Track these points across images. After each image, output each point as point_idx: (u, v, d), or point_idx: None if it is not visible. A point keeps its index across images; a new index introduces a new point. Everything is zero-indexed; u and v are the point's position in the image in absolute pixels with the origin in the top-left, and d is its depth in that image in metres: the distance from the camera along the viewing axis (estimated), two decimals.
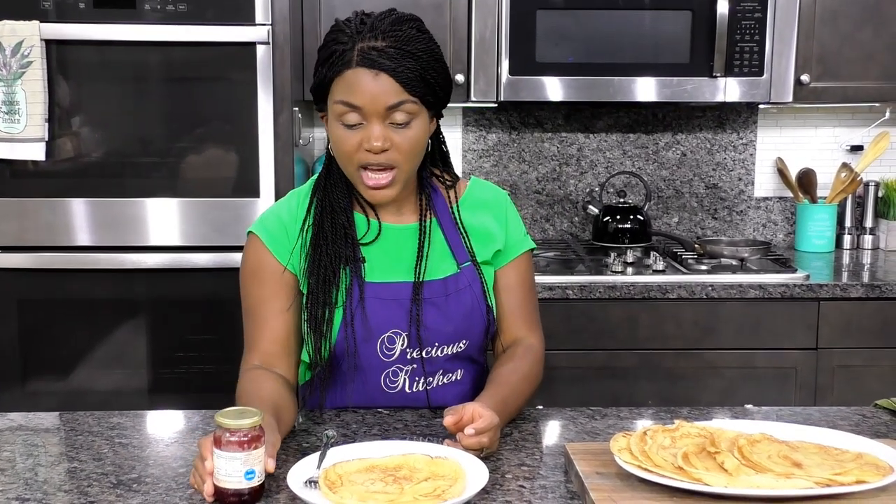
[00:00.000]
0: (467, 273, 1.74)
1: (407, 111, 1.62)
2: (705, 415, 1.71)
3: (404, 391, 1.73)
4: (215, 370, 2.81)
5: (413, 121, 1.63)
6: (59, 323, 2.78)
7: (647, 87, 2.97)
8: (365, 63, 1.59)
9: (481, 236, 1.77)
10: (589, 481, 1.33)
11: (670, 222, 3.48)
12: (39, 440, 1.61)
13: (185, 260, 2.74)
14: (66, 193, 2.71)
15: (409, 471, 1.37)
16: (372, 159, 1.62)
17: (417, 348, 1.69)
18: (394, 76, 1.59)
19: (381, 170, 1.64)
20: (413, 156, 1.66)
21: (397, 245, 1.73)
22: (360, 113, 1.61)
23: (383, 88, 1.59)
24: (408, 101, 1.61)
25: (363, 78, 1.59)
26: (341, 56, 1.61)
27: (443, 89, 1.68)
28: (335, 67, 1.61)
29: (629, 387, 2.83)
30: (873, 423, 1.67)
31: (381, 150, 1.62)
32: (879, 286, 2.81)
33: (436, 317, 1.70)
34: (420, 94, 1.62)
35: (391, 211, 1.74)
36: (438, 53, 1.66)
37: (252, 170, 2.72)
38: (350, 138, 1.63)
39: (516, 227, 1.82)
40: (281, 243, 1.71)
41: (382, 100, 1.60)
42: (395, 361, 1.71)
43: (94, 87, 2.70)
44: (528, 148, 3.43)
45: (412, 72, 1.60)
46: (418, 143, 1.66)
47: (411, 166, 1.68)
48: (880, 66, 3.06)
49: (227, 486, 1.31)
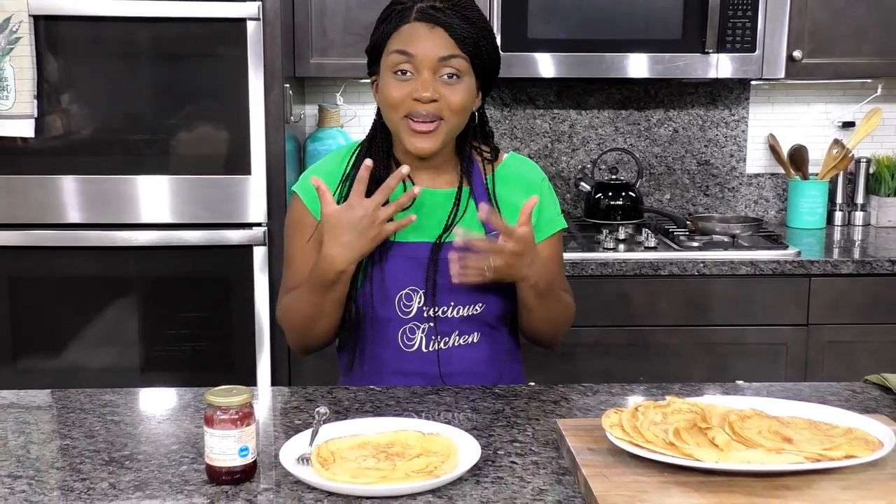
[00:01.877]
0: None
1: (457, 67, 1.70)
2: (696, 391, 1.72)
3: (420, 350, 1.77)
4: (207, 348, 2.81)
5: (462, 78, 1.71)
6: (50, 301, 2.77)
7: (640, 64, 2.96)
8: (423, 18, 1.69)
9: (510, 208, 1.80)
10: (580, 457, 1.33)
11: (662, 199, 3.48)
12: (31, 418, 1.61)
13: (176, 237, 2.74)
14: (55, 170, 2.70)
15: (402, 447, 1.38)
16: (420, 108, 1.69)
17: (433, 307, 1.74)
18: (449, 31, 1.68)
19: (429, 121, 1.70)
20: (459, 113, 1.72)
21: (429, 209, 1.78)
22: (412, 63, 1.69)
23: (438, 40, 1.68)
24: (459, 56, 1.69)
25: (420, 30, 1.69)
26: (400, 13, 1.71)
27: (491, 60, 1.75)
28: (394, 23, 1.72)
29: (621, 363, 2.84)
30: (863, 399, 1.68)
31: (430, 101, 1.68)
32: (870, 262, 2.82)
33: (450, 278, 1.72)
34: (471, 53, 1.70)
35: (428, 176, 1.80)
36: (490, 26, 1.76)
37: (243, 147, 2.71)
38: (401, 88, 1.70)
39: (550, 205, 1.87)
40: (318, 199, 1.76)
41: (435, 51, 1.68)
42: (412, 319, 1.76)
43: (83, 64, 2.69)
44: (519, 125, 3.42)
45: (466, 31, 1.69)
46: (465, 102, 1.72)
47: (456, 122, 1.74)
48: (872, 42, 3.06)
49: (220, 465, 1.31)
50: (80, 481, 1.34)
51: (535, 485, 1.32)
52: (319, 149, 3.17)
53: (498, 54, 1.78)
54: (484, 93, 1.80)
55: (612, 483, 1.25)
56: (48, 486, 1.33)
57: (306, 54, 2.96)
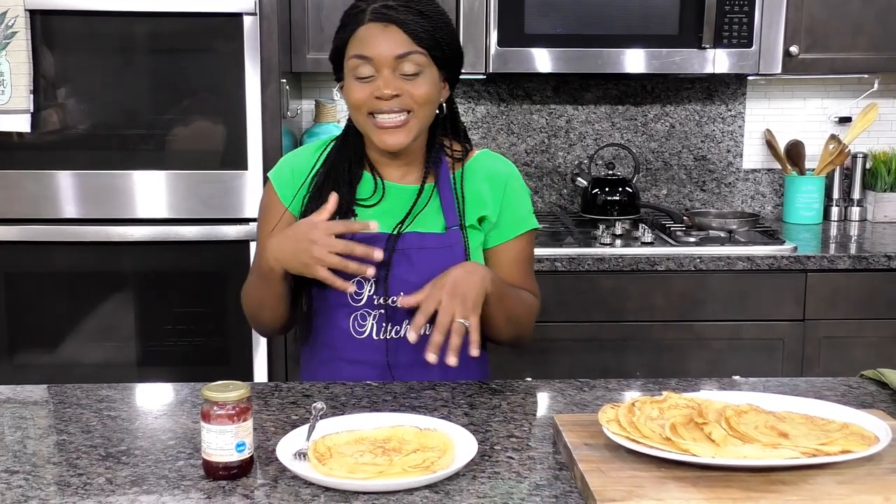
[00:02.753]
0: (452, 235, 1.78)
1: (416, 62, 1.70)
2: (693, 386, 1.72)
3: (371, 337, 1.77)
4: (204, 343, 2.81)
5: (423, 72, 1.71)
6: (46, 296, 2.77)
7: (636, 59, 2.96)
8: (376, 18, 1.70)
9: (471, 201, 1.81)
10: (577, 452, 1.33)
11: (659, 194, 3.49)
12: (28, 413, 1.61)
13: (172, 233, 2.73)
14: (52, 165, 2.70)
15: (399, 442, 1.38)
16: (384, 106, 1.70)
17: (385, 295, 1.75)
18: (403, 28, 1.69)
19: (395, 114, 1.71)
20: (426, 104, 1.73)
21: (393, 203, 1.79)
22: (371, 64, 1.70)
23: (393, 39, 1.69)
24: (416, 51, 1.70)
25: (374, 31, 1.70)
26: (355, 17, 1.72)
27: (451, 50, 1.76)
28: (349, 28, 1.73)
29: (617, 358, 2.84)
30: (859, 394, 1.68)
31: (393, 97, 1.69)
32: (866, 258, 2.82)
33: (405, 267, 1.75)
34: (429, 46, 1.71)
35: (397, 172, 1.82)
36: (447, 18, 1.76)
37: (240, 142, 2.70)
38: (362, 90, 1.71)
39: (519, 204, 1.86)
40: (288, 187, 1.83)
41: (391, 49, 1.69)
42: (363, 306, 1.76)
43: (79, 58, 2.68)
44: (516, 120, 3.42)
45: (420, 26, 1.70)
46: (429, 94, 1.73)
47: (425, 113, 1.75)
48: (869, 37, 3.06)
49: (217, 460, 1.31)
50: (76, 476, 1.34)
51: (532, 480, 1.32)
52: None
53: (458, 45, 1.78)
54: (451, 84, 1.81)
55: (608, 478, 1.25)
56: (45, 481, 1.33)
57: (303, 49, 2.96)
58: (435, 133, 1.82)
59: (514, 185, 1.86)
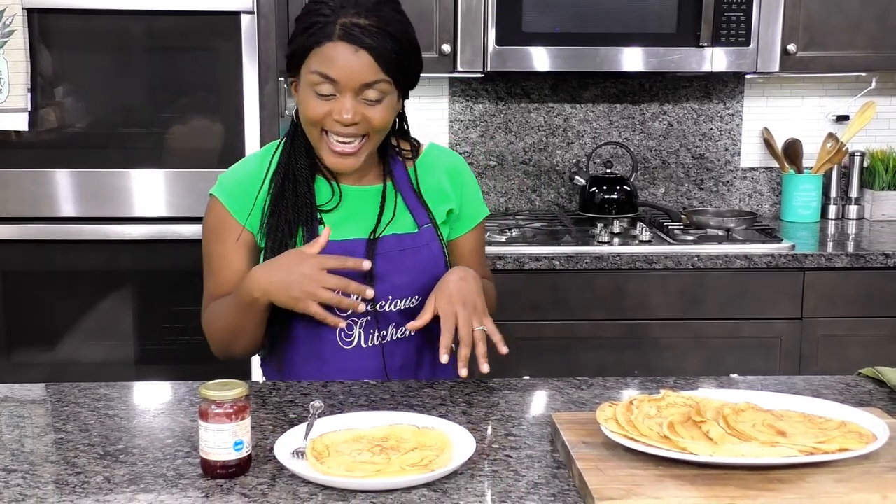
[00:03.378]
0: (426, 233, 1.79)
1: (380, 90, 1.66)
2: (691, 384, 1.72)
3: (360, 346, 1.76)
4: (202, 342, 2.78)
5: (385, 98, 1.68)
6: (44, 294, 2.77)
7: (634, 58, 2.96)
8: (346, 38, 1.62)
9: (435, 196, 1.83)
10: (575, 451, 1.33)
11: (657, 193, 3.49)
12: (26, 411, 1.61)
13: (170, 231, 2.73)
14: (49, 164, 2.69)
15: (396, 441, 1.38)
16: (341, 130, 1.67)
17: (370, 302, 1.71)
18: (373, 54, 1.63)
19: (349, 141, 1.68)
20: (382, 130, 1.71)
21: (357, 206, 1.78)
22: (334, 86, 1.64)
23: (361, 65, 1.63)
24: (383, 80, 1.65)
25: (343, 52, 1.63)
26: (322, 28, 1.63)
27: (414, 73, 1.72)
28: (315, 38, 1.64)
29: (615, 357, 2.84)
30: (857, 392, 1.68)
31: (352, 123, 1.66)
32: (864, 256, 2.82)
33: (388, 270, 1.74)
34: (394, 74, 1.66)
35: (353, 177, 1.79)
36: (414, 37, 1.71)
37: (237, 140, 2.70)
38: (321, 106, 1.66)
39: (474, 194, 1.90)
40: (240, 203, 1.76)
41: (359, 76, 1.63)
42: (349, 315, 1.73)
43: (77, 57, 2.68)
44: (514, 118, 3.42)
45: (390, 52, 1.64)
46: (388, 120, 1.71)
47: (379, 138, 1.73)
48: (867, 35, 3.06)
49: (215, 459, 1.31)
50: (74, 475, 1.34)
51: (530, 478, 1.32)
52: None
53: (420, 62, 1.73)
54: (405, 96, 1.76)
55: (606, 476, 1.25)
56: (43, 479, 1.33)
57: None
58: (387, 140, 1.79)
59: (468, 176, 1.89)
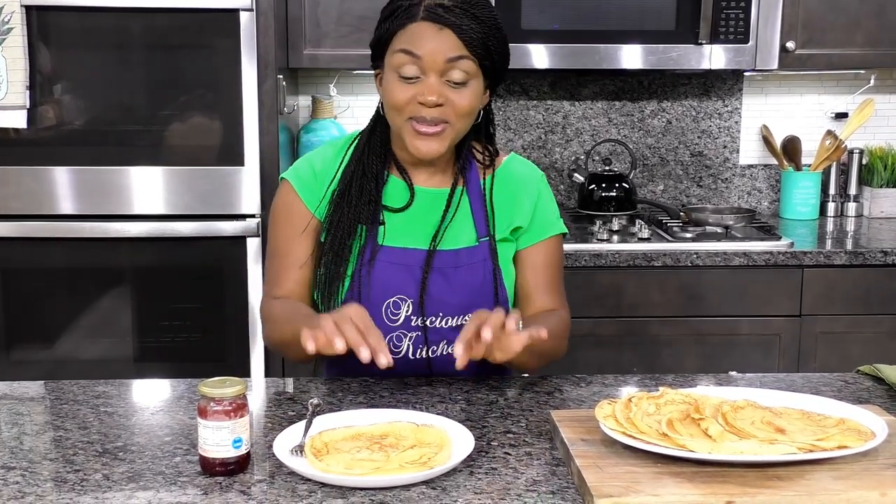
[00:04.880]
0: (484, 248, 1.74)
1: (465, 70, 1.63)
2: (690, 382, 1.72)
3: (407, 356, 1.74)
4: (201, 339, 2.80)
5: (470, 81, 1.64)
6: (43, 292, 2.77)
7: (633, 55, 2.96)
8: (430, 17, 1.61)
9: (506, 209, 1.77)
10: (574, 448, 1.34)
11: (655, 190, 3.49)
12: (24, 409, 1.61)
13: (169, 228, 2.73)
14: (48, 161, 2.69)
15: (395, 438, 1.38)
16: (425, 112, 1.63)
17: (421, 316, 1.70)
18: (457, 32, 1.61)
19: (434, 124, 1.64)
20: (465, 117, 1.67)
21: (423, 209, 1.74)
22: (419, 65, 1.62)
23: (446, 42, 1.61)
24: (467, 57, 1.62)
25: (427, 30, 1.61)
26: (407, 10, 1.63)
27: (500, 59, 1.68)
28: (399, 20, 1.64)
29: (614, 354, 2.84)
30: (855, 389, 1.69)
31: (436, 105, 1.62)
32: (863, 253, 2.82)
33: (442, 286, 1.70)
34: (480, 55, 1.63)
35: (425, 175, 1.75)
36: (500, 24, 1.68)
37: (236, 138, 2.70)
38: (405, 90, 1.63)
39: (548, 209, 1.81)
40: (311, 191, 1.74)
41: (443, 52, 1.61)
42: (399, 327, 1.71)
43: (75, 54, 2.68)
44: (513, 116, 3.42)
45: (475, 32, 1.62)
46: (472, 106, 1.66)
47: (462, 126, 1.68)
48: (865, 32, 3.06)
49: (214, 456, 1.31)
50: (73, 472, 1.34)
51: (529, 476, 1.32)
52: (313, 140, 3.17)
53: (507, 51, 1.70)
54: (491, 91, 1.74)
55: (605, 474, 1.26)
56: (41, 477, 1.33)
57: (300, 45, 2.95)
58: (466, 136, 1.75)
59: (544, 190, 1.82)
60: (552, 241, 1.81)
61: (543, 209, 1.81)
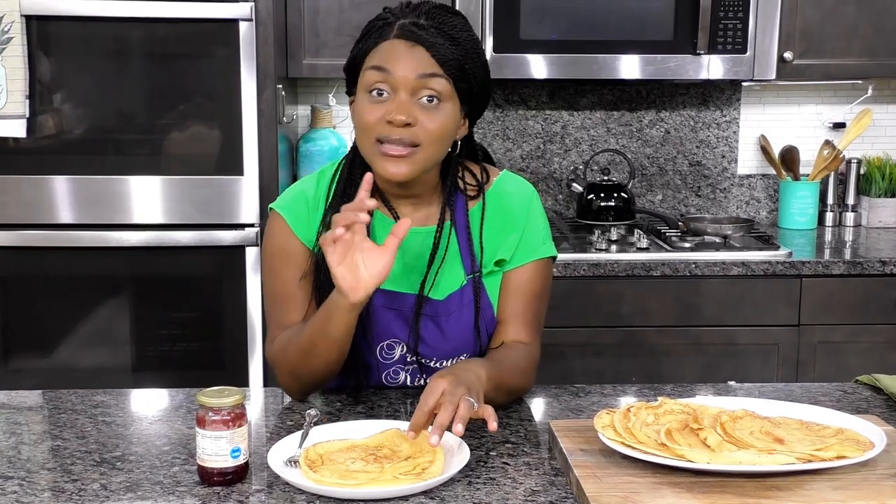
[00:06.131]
0: (471, 287, 1.67)
1: (437, 89, 1.56)
2: (688, 391, 1.72)
3: (406, 384, 1.73)
4: (199, 348, 2.80)
5: (442, 104, 1.57)
6: (41, 301, 2.77)
7: (631, 65, 2.97)
8: (403, 35, 1.56)
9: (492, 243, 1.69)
10: (573, 458, 1.34)
11: (654, 200, 3.49)
12: (22, 418, 1.61)
13: (168, 238, 2.73)
14: (47, 171, 2.69)
15: (391, 450, 1.38)
16: (393, 133, 1.54)
17: (416, 356, 1.68)
18: (430, 50, 1.55)
19: (403, 145, 1.55)
20: (437, 141, 1.57)
21: (411, 252, 1.66)
22: (389, 82, 1.55)
23: (417, 58, 1.55)
24: (440, 76, 1.55)
25: (399, 47, 1.56)
26: (380, 30, 1.59)
27: (479, 86, 1.62)
28: (372, 39, 1.59)
29: (613, 364, 2.84)
30: (854, 399, 1.69)
31: (405, 125, 1.54)
32: (861, 263, 2.83)
33: (435, 333, 1.66)
34: (455, 76, 1.57)
35: (410, 208, 1.67)
36: (480, 48, 1.62)
37: (235, 147, 2.70)
38: (375, 110, 1.55)
39: (537, 228, 1.72)
40: (305, 223, 1.66)
41: (414, 69, 1.54)
42: (394, 363, 1.70)
43: (75, 64, 2.68)
44: (512, 126, 3.42)
45: (450, 52, 1.56)
46: (444, 129, 1.58)
47: (434, 151, 1.58)
48: (863, 42, 3.06)
49: (212, 466, 1.31)
50: (71, 482, 1.34)
51: (528, 486, 1.32)
52: (312, 149, 3.17)
53: (488, 78, 1.63)
54: (471, 120, 1.66)
55: (604, 484, 1.26)
56: (39, 486, 1.32)
57: (299, 55, 2.96)
58: (449, 168, 1.67)
59: (533, 211, 1.73)
60: (537, 266, 1.70)
61: (530, 233, 1.71)
